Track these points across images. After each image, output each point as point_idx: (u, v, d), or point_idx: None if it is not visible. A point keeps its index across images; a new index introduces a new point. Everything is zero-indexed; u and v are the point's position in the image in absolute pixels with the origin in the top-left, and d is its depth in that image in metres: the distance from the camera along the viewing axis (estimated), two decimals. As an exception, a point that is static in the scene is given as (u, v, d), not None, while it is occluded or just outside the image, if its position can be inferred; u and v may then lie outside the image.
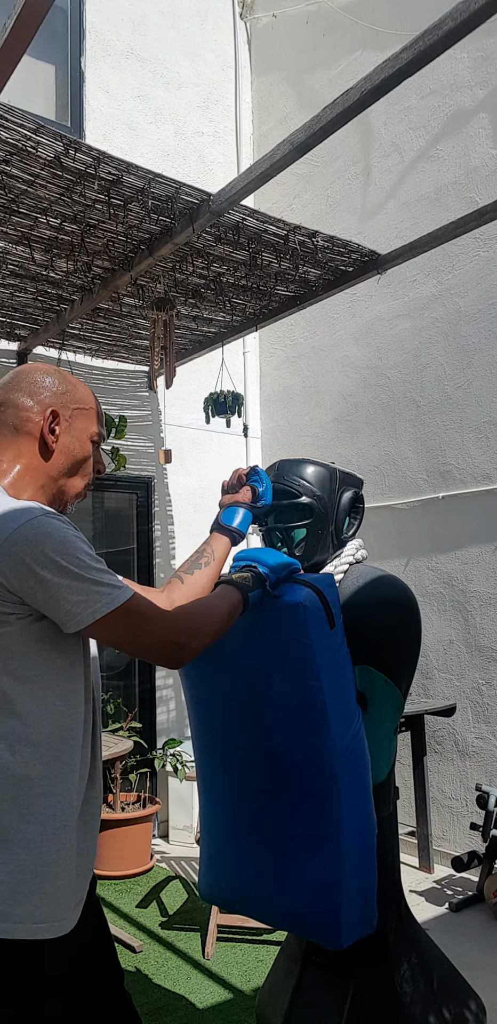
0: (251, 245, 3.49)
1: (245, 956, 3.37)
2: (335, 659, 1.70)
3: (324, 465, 2.01)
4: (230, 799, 1.89)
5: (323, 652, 1.67)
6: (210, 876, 1.94)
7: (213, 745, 1.91)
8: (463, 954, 3.30)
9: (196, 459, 5.51)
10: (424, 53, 2.14)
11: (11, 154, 2.79)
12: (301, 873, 1.73)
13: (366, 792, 1.75)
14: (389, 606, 1.88)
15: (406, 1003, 1.83)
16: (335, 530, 2.00)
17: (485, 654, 4.21)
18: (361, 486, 2.09)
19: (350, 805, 1.70)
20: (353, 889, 1.71)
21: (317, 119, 2.48)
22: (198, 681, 1.92)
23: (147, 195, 3.03)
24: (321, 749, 1.69)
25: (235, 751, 1.85)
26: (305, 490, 1.96)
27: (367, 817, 1.74)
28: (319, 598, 1.67)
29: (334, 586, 1.72)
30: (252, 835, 1.84)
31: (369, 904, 1.74)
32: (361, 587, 1.91)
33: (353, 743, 1.71)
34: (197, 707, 1.94)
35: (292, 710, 1.72)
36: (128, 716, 4.80)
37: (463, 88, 4.45)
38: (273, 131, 5.82)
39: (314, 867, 1.71)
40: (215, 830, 1.93)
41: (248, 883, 1.85)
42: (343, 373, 5.18)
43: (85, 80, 5.14)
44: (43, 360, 4.81)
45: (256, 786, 1.82)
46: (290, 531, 1.98)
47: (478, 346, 4.31)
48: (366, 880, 1.74)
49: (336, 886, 1.69)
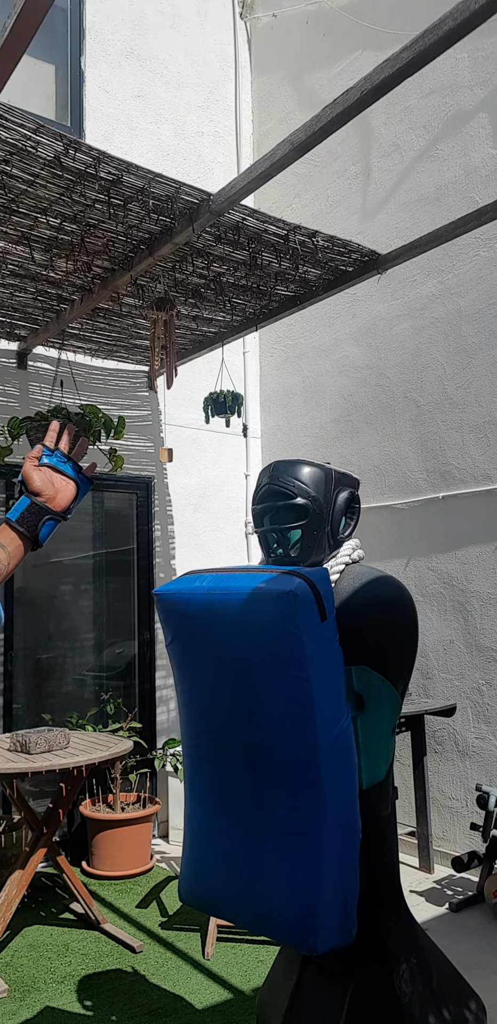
0: (251, 245, 3.49)
1: (245, 956, 3.37)
2: (325, 652, 1.68)
3: (319, 465, 2.01)
4: (212, 796, 1.87)
5: (313, 643, 1.66)
6: (189, 877, 1.91)
7: (199, 741, 1.91)
8: (463, 954, 3.30)
9: (196, 459, 5.51)
10: (424, 53, 2.14)
11: (11, 154, 2.79)
12: (279, 872, 1.72)
13: (351, 794, 1.72)
14: (386, 606, 1.88)
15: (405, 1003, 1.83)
16: (331, 530, 2.00)
17: (485, 654, 4.21)
18: (357, 486, 2.09)
19: (333, 804, 1.68)
20: (332, 893, 1.68)
21: (317, 119, 2.48)
22: (186, 677, 1.92)
23: (147, 195, 3.03)
24: (306, 743, 1.67)
25: (220, 746, 1.84)
26: (300, 491, 1.96)
27: (351, 820, 1.72)
28: (311, 589, 1.66)
29: (328, 580, 1.72)
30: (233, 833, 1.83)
31: (348, 912, 1.71)
32: (357, 587, 1.91)
33: (340, 740, 1.69)
34: (187, 703, 1.94)
35: (279, 702, 1.71)
36: (128, 716, 4.80)
37: (463, 88, 4.45)
38: (273, 131, 5.82)
39: (292, 866, 1.69)
40: (196, 830, 1.91)
41: (226, 884, 1.82)
42: (343, 373, 5.18)
43: (85, 80, 5.14)
44: (43, 359, 4.81)
45: (239, 782, 1.81)
46: (286, 532, 1.98)
47: (478, 346, 4.31)
48: (346, 886, 1.71)
49: (314, 887, 1.67)
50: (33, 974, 3.26)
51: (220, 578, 1.83)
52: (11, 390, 4.70)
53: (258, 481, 2.08)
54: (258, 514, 2.06)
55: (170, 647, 1.97)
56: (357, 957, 1.85)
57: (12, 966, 3.34)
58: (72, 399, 4.80)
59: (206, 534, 5.51)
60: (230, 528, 5.64)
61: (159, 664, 5.18)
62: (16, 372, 4.73)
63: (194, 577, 1.91)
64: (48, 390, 4.79)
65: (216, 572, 1.87)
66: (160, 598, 1.94)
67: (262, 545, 2.05)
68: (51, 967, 3.32)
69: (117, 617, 5.12)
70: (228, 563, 5.55)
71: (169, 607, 1.92)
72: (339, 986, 1.86)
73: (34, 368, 4.80)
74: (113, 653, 5.07)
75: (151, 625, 5.17)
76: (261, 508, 2.04)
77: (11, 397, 4.70)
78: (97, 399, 4.99)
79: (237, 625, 1.76)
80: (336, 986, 1.87)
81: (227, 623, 1.76)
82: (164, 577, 5.25)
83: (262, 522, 2.05)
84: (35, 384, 4.80)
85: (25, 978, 3.23)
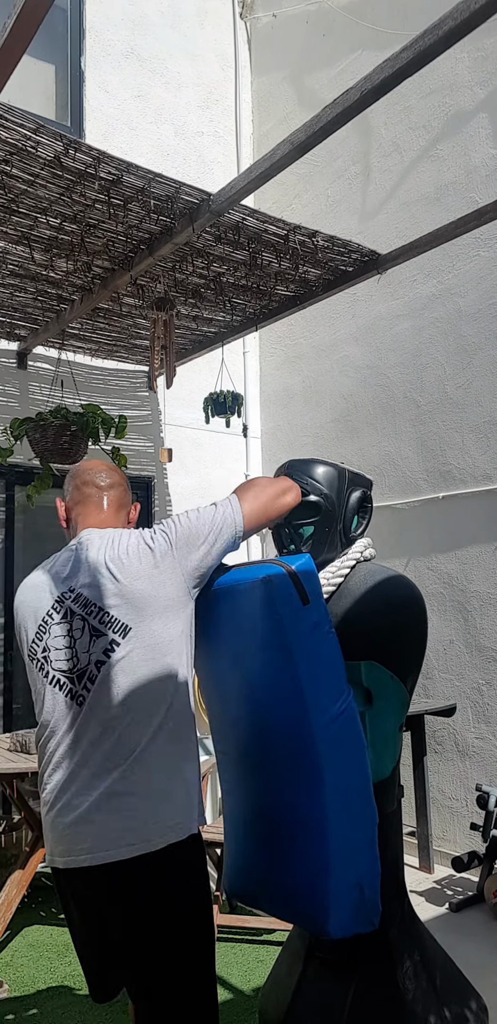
0: (251, 245, 3.49)
1: (245, 956, 3.36)
2: (312, 635, 1.70)
3: (333, 465, 2.07)
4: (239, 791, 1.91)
5: (294, 627, 1.68)
6: (230, 872, 1.95)
7: (221, 738, 1.95)
8: (463, 954, 3.29)
9: (196, 459, 5.51)
10: (424, 53, 2.14)
11: (11, 154, 2.79)
12: (293, 856, 1.74)
13: (360, 778, 1.72)
14: (396, 603, 1.92)
15: (408, 1000, 1.83)
16: (343, 529, 2.06)
17: (485, 654, 4.21)
18: (370, 487, 2.15)
19: (336, 788, 1.68)
20: (343, 877, 1.68)
21: (317, 119, 2.48)
22: (202, 674, 1.96)
23: (147, 195, 3.03)
24: (300, 726, 1.69)
25: (238, 741, 1.88)
26: (313, 488, 2.01)
27: (361, 804, 1.71)
28: (288, 574, 1.68)
29: (309, 564, 1.73)
30: (255, 823, 1.86)
31: (365, 897, 1.70)
32: (369, 585, 1.97)
33: (337, 723, 1.69)
34: (208, 701, 1.99)
35: (271, 688, 1.74)
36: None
37: (463, 88, 4.45)
38: (273, 131, 5.82)
39: (304, 851, 1.71)
40: (231, 824, 1.96)
41: (254, 873, 1.86)
42: (343, 373, 5.18)
43: (85, 80, 5.14)
44: (43, 359, 4.81)
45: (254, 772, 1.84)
46: (298, 528, 2.03)
47: (478, 346, 4.31)
48: (362, 871, 1.70)
49: (323, 871, 1.67)
50: (33, 974, 3.26)
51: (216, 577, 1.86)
52: (11, 390, 4.70)
53: None
54: None
55: None
56: (361, 953, 1.85)
57: (12, 966, 3.34)
58: (72, 399, 4.79)
59: (206, 534, 5.50)
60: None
61: (159, 664, 5.17)
62: (16, 372, 4.73)
63: None
64: (48, 390, 4.79)
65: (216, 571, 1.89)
66: None
67: (275, 542, 2.11)
68: (51, 967, 3.32)
69: (117, 617, 5.11)
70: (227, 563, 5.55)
71: None
72: (342, 982, 1.87)
73: (34, 368, 4.80)
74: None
75: (151, 625, 5.16)
76: None
77: (11, 397, 4.70)
78: (97, 399, 4.98)
79: (230, 620, 1.81)
80: (339, 982, 1.87)
81: (222, 619, 1.81)
82: (164, 577, 5.24)
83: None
84: (35, 384, 4.79)
85: (25, 978, 3.23)
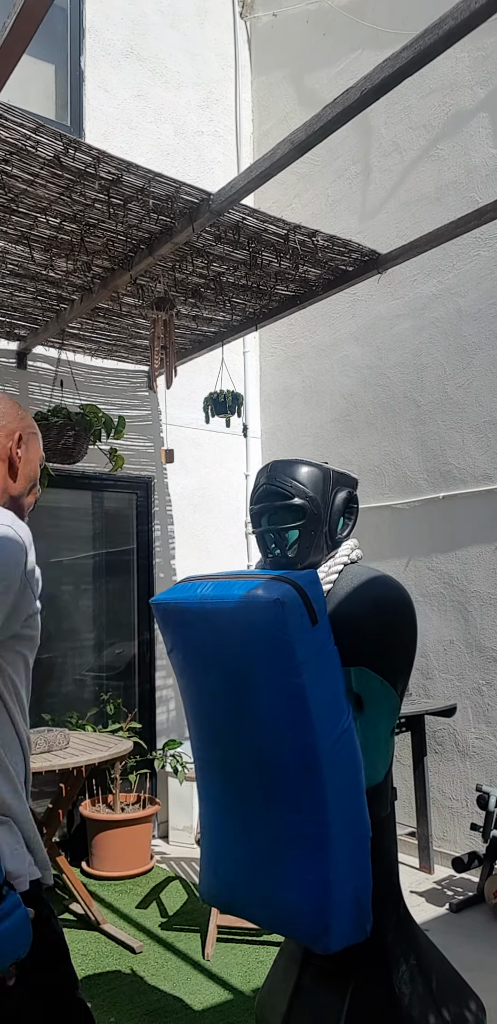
0: (251, 244, 3.49)
1: (245, 957, 3.36)
2: (319, 656, 1.67)
3: (317, 465, 1.99)
4: (224, 800, 1.89)
5: (304, 648, 1.65)
6: (208, 877, 1.94)
7: (207, 747, 1.92)
8: (463, 955, 3.29)
9: (196, 459, 5.51)
10: (424, 52, 2.13)
11: (11, 153, 2.79)
12: (291, 874, 1.72)
13: (357, 794, 1.72)
14: (384, 607, 1.87)
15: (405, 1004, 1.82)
16: (329, 531, 1.98)
17: (485, 654, 4.20)
18: (355, 486, 2.06)
19: (338, 806, 1.68)
20: (344, 892, 1.68)
21: (317, 118, 2.48)
22: (189, 686, 1.92)
23: (147, 194, 3.02)
24: (305, 747, 1.67)
25: (226, 753, 1.85)
26: (297, 491, 1.94)
27: (359, 820, 1.72)
28: (299, 594, 1.65)
29: (317, 582, 1.70)
30: (245, 836, 1.84)
31: (362, 909, 1.71)
32: (356, 588, 1.89)
33: (340, 742, 1.69)
34: (191, 710, 1.95)
35: (276, 708, 1.70)
36: (128, 716, 4.79)
37: (463, 88, 4.44)
38: (273, 130, 5.81)
39: (304, 868, 1.70)
40: (212, 831, 1.93)
41: (242, 884, 1.84)
42: (343, 373, 5.18)
43: (85, 79, 5.14)
44: (43, 359, 4.81)
45: (247, 787, 1.82)
46: (283, 533, 1.96)
47: (478, 346, 4.30)
48: (359, 885, 1.71)
49: (325, 888, 1.67)
50: None
51: (213, 586, 1.81)
52: (11, 390, 4.69)
53: (256, 481, 2.06)
54: (256, 514, 2.04)
55: (171, 656, 1.97)
56: (357, 958, 1.84)
57: (12, 966, 3.33)
58: (72, 399, 4.79)
59: (206, 534, 5.51)
60: (230, 528, 5.64)
61: (159, 664, 5.18)
62: (16, 372, 4.73)
63: (189, 585, 1.89)
64: (48, 390, 4.78)
65: (210, 579, 1.85)
66: (157, 607, 1.94)
67: (260, 545, 2.04)
68: None
69: (117, 617, 5.12)
70: (228, 564, 5.55)
71: (166, 617, 1.92)
72: (338, 987, 1.86)
73: (34, 368, 4.80)
74: (113, 653, 5.07)
75: (151, 625, 5.16)
76: (259, 508, 2.02)
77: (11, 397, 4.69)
78: (97, 399, 4.98)
79: (230, 635, 1.75)
80: (335, 987, 1.86)
81: (221, 633, 1.75)
82: (164, 577, 5.24)
83: (260, 522, 2.03)
84: (35, 384, 4.79)
85: None
